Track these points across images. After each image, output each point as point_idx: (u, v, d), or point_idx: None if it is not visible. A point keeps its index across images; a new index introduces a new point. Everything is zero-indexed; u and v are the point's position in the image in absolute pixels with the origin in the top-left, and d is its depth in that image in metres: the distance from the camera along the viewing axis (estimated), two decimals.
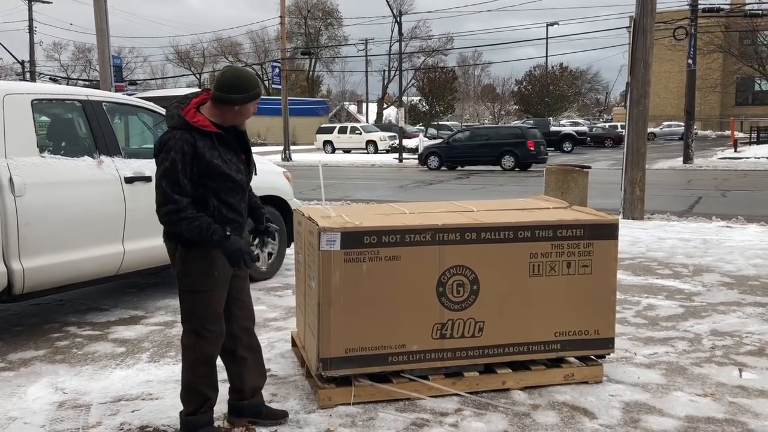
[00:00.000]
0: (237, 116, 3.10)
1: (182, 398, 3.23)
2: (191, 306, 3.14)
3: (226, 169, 3.06)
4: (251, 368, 3.37)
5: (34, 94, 4.86)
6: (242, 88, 3.02)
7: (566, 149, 36.28)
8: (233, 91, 3.01)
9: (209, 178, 3.04)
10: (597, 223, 3.89)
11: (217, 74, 3.11)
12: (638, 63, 10.81)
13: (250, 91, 3.05)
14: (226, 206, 3.11)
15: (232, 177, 3.09)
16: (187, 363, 3.18)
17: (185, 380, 3.20)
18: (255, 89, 3.06)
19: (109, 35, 14.49)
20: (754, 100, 48.06)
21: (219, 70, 3.12)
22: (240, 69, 3.15)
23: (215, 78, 3.09)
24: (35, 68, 44.01)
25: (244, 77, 3.05)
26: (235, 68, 3.15)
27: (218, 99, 3.03)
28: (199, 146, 2.99)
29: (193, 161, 2.99)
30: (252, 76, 3.13)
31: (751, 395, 3.79)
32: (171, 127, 3.05)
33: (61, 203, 4.72)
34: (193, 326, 3.15)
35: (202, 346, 3.15)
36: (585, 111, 77.13)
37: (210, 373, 3.20)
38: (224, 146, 3.09)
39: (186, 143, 2.97)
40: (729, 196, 15.13)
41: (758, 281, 6.52)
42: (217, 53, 67.33)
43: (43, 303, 5.86)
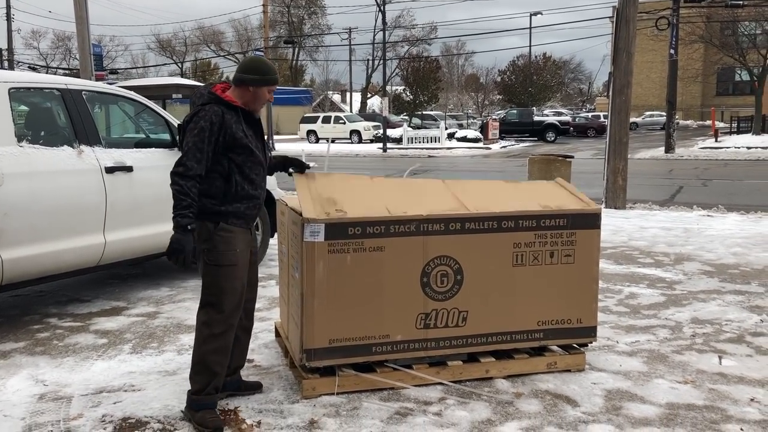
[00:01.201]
0: (253, 99, 3.32)
1: (191, 376, 3.32)
2: (213, 279, 3.25)
3: (249, 143, 3.25)
4: (242, 347, 3.59)
5: (11, 83, 4.78)
6: (258, 70, 3.27)
7: (549, 139, 36.45)
8: (250, 71, 3.27)
9: (234, 152, 3.21)
10: (580, 213, 3.90)
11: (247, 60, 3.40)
12: (621, 53, 10.86)
13: (265, 75, 3.29)
14: (248, 182, 3.28)
15: (254, 151, 3.28)
16: (201, 339, 3.28)
17: (196, 357, 3.29)
18: (270, 74, 3.31)
19: (88, 23, 14.29)
20: (735, 90, 48.49)
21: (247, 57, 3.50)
22: (260, 57, 3.43)
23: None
24: (13, 56, 43.34)
25: (263, 62, 3.33)
26: (257, 56, 3.46)
27: (237, 80, 3.28)
28: (227, 118, 3.19)
29: (219, 131, 3.17)
30: (270, 64, 3.37)
31: (731, 382, 3.84)
32: (201, 104, 3.23)
33: (40, 193, 4.65)
34: (211, 299, 3.26)
35: (218, 321, 3.25)
36: (568, 101, 77.47)
37: (221, 349, 3.28)
38: (247, 124, 3.30)
39: (215, 114, 3.17)
40: (710, 186, 15.29)
41: (738, 269, 6.60)
42: (199, 42, 66.70)
43: (23, 294, 5.79)
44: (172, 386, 3.73)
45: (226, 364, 3.35)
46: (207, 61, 67.16)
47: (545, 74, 58.53)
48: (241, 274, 3.30)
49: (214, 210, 3.22)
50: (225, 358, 3.32)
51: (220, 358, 3.28)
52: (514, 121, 39.03)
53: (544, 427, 3.27)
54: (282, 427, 3.27)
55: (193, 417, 3.26)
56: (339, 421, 3.33)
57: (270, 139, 31.97)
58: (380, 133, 33.12)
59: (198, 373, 3.28)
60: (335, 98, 63.49)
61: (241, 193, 3.25)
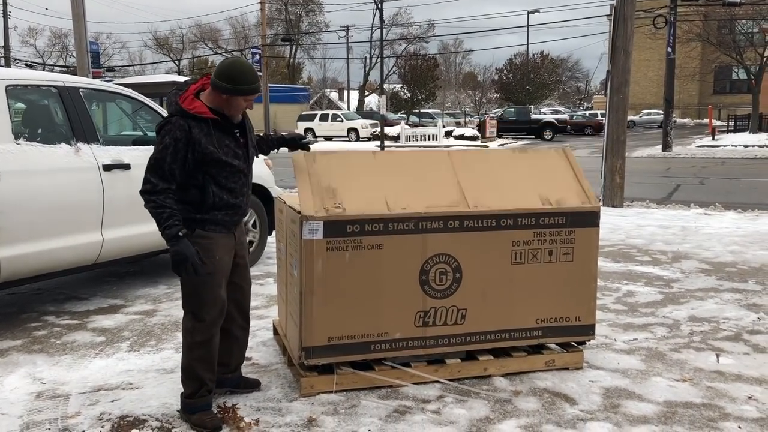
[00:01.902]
0: (227, 106, 3.13)
1: (182, 380, 3.32)
2: (193, 288, 3.18)
3: (221, 156, 3.10)
4: (241, 346, 3.60)
5: (8, 80, 4.76)
6: (232, 79, 3.04)
7: (547, 137, 36.45)
8: (223, 78, 3.05)
9: (206, 165, 3.09)
10: (579, 211, 3.90)
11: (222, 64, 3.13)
12: (618, 51, 10.86)
13: (239, 84, 3.05)
14: (227, 191, 3.17)
15: (228, 162, 3.13)
16: (186, 345, 3.27)
17: (184, 362, 3.29)
18: (245, 84, 3.05)
19: (85, 20, 14.25)
20: (732, 89, 48.55)
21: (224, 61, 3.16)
22: (240, 61, 3.11)
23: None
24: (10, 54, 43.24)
25: (239, 70, 3.04)
26: (236, 59, 3.14)
27: (212, 83, 3.09)
28: (195, 133, 3.04)
29: (187, 147, 3.03)
30: (248, 71, 3.07)
31: (728, 380, 3.84)
32: (169, 114, 3.11)
33: (37, 191, 4.64)
34: (192, 309, 3.22)
35: (200, 330, 3.22)
36: (565, 99, 77.48)
37: (206, 356, 3.26)
38: (221, 131, 3.12)
39: (180, 129, 3.02)
40: (707, 184, 15.31)
41: (735, 267, 6.61)
42: (197, 39, 66.56)
43: (20, 292, 5.78)
44: (170, 384, 3.72)
45: (214, 368, 3.31)
46: (204, 58, 67.05)
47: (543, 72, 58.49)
48: (220, 281, 3.23)
49: (191, 218, 3.13)
50: (211, 365, 3.29)
51: (205, 366, 3.26)
52: (511, 120, 39.02)
53: (543, 425, 3.28)
54: (280, 425, 3.27)
55: (189, 419, 3.25)
56: (337, 419, 3.33)
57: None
58: (378, 131, 33.10)
59: (188, 378, 3.28)
60: (333, 96, 63.37)
61: (219, 203, 3.16)
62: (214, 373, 3.32)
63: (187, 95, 3.12)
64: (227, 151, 3.13)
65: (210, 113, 3.07)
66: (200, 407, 3.25)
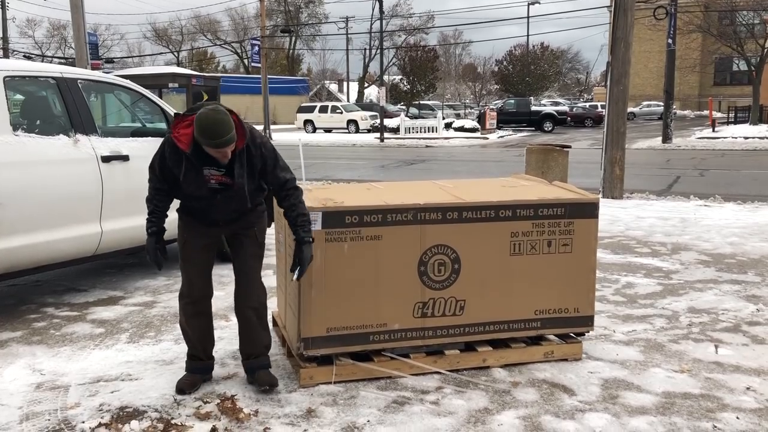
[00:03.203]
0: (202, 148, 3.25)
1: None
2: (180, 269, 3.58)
3: (182, 183, 3.31)
4: (243, 334, 3.61)
5: (6, 71, 4.74)
6: (203, 133, 3.10)
7: (547, 129, 36.40)
8: (198, 129, 3.12)
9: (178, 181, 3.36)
10: (577, 202, 3.90)
11: (205, 108, 3.14)
12: (619, 42, 10.83)
13: (208, 139, 3.11)
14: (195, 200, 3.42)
15: (185, 191, 3.36)
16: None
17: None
18: (213, 140, 3.10)
19: (84, 11, 14.17)
20: (732, 80, 48.43)
21: (209, 107, 3.14)
22: (211, 118, 3.08)
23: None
24: (8, 45, 43.12)
25: (204, 126, 3.09)
26: (210, 115, 3.09)
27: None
28: (168, 155, 3.30)
29: (162, 162, 3.35)
30: (212, 129, 3.08)
31: (727, 371, 3.85)
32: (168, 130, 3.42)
33: (35, 183, 4.63)
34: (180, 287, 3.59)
35: (182, 294, 3.58)
36: (565, 91, 77.30)
37: (184, 325, 3.59)
38: (192, 164, 3.26)
39: (166, 146, 3.33)
40: (707, 176, 15.30)
41: (735, 259, 6.61)
42: (196, 31, 66.35)
43: (19, 284, 5.78)
44: (169, 375, 3.73)
45: (194, 337, 3.58)
46: (203, 50, 66.88)
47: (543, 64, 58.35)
48: (188, 258, 3.51)
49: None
50: (188, 334, 3.59)
51: (185, 333, 3.60)
52: (511, 111, 38.96)
53: (541, 416, 3.28)
54: (279, 415, 3.27)
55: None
56: (336, 409, 3.33)
57: (267, 129, 31.90)
58: (377, 123, 33.05)
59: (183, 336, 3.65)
60: (332, 88, 63.28)
61: (187, 206, 3.49)
62: (193, 344, 3.59)
63: (185, 119, 3.26)
64: (189, 183, 3.30)
65: (185, 147, 3.22)
66: (187, 368, 3.62)
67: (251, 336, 3.58)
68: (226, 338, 4.30)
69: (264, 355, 3.61)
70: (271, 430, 3.13)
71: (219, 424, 3.18)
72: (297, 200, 3.38)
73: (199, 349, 3.61)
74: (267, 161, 3.34)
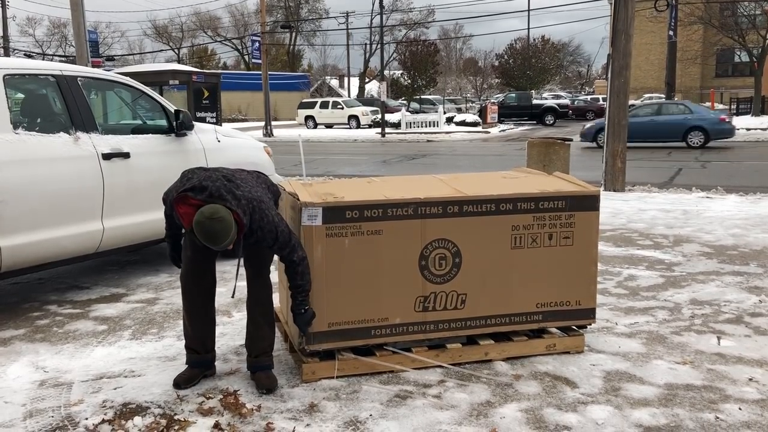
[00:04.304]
0: None
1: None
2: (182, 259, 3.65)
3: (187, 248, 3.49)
4: (252, 332, 3.59)
5: (6, 69, 4.74)
6: (199, 232, 3.06)
7: (548, 122, 36.38)
8: (194, 227, 3.07)
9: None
10: (578, 195, 3.89)
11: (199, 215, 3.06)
12: (619, 34, 10.80)
13: (211, 245, 3.10)
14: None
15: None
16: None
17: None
18: (214, 246, 3.09)
19: (84, 9, 14.17)
20: (734, 72, 48.25)
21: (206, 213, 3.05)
22: (211, 229, 3.03)
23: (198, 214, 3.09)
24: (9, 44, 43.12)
25: (209, 239, 3.05)
26: (208, 226, 3.03)
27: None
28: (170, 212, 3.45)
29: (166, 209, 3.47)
30: (215, 238, 3.05)
31: (729, 362, 3.85)
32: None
33: (37, 180, 4.64)
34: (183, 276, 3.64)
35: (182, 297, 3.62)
36: (567, 84, 77.15)
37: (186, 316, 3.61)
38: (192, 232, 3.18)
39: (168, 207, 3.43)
40: (709, 168, 15.27)
41: (737, 251, 6.60)
42: (196, 28, 66.33)
43: (22, 281, 5.79)
44: (172, 371, 3.74)
45: (192, 329, 3.59)
46: (204, 47, 66.83)
47: (544, 57, 58.24)
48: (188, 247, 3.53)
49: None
50: (188, 320, 3.58)
51: (186, 320, 3.61)
52: (512, 105, 38.91)
53: (544, 409, 3.29)
54: (282, 410, 3.28)
55: None
56: (339, 404, 3.34)
57: (268, 125, 31.89)
58: (378, 118, 33.03)
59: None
60: (333, 83, 63.21)
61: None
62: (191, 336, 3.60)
63: (190, 201, 3.16)
64: (195, 251, 3.44)
65: (188, 226, 3.18)
66: (186, 362, 3.66)
67: (253, 332, 3.59)
68: (229, 334, 4.31)
69: (266, 354, 3.59)
70: (273, 425, 3.14)
71: (222, 420, 3.19)
72: (296, 274, 3.39)
73: (197, 342, 3.61)
74: (265, 241, 3.30)
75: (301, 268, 3.37)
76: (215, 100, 21.43)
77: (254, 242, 3.31)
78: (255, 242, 3.31)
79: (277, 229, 3.29)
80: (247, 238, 3.27)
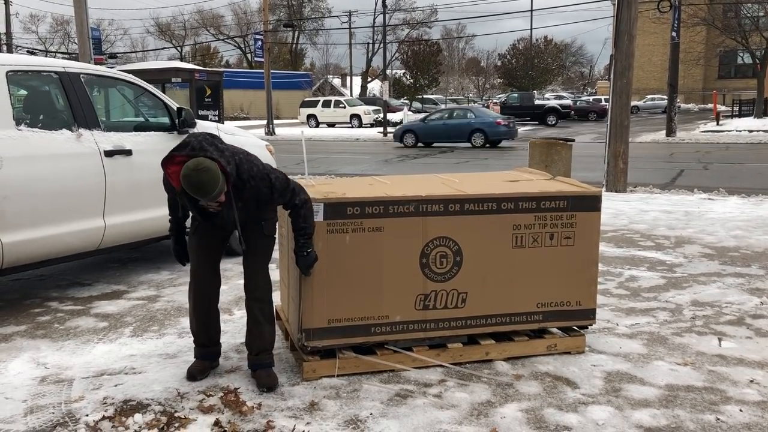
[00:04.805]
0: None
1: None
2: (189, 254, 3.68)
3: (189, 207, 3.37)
4: (251, 329, 3.60)
5: (8, 66, 4.74)
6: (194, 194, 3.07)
7: (550, 123, 36.32)
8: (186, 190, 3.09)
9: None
10: (580, 195, 3.89)
11: (185, 169, 3.05)
12: (622, 35, 10.79)
13: (200, 197, 3.10)
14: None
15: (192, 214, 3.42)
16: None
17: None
18: (203, 197, 3.08)
19: (87, 6, 14.17)
20: (737, 73, 48.20)
21: (191, 165, 3.04)
22: (197, 179, 3.03)
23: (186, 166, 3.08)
24: (11, 41, 43.14)
25: (196, 190, 3.05)
26: (194, 178, 3.02)
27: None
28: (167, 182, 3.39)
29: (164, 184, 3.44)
30: (202, 188, 3.04)
31: (730, 364, 3.84)
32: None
33: (39, 177, 4.64)
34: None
35: (189, 292, 3.66)
36: (569, 84, 77.10)
37: (192, 311, 3.65)
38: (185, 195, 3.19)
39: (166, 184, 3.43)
40: (711, 169, 15.25)
41: (738, 252, 6.60)
42: (199, 26, 66.35)
43: (23, 278, 5.80)
44: (172, 369, 3.74)
45: (197, 322, 3.64)
46: (206, 45, 66.88)
47: (546, 57, 58.22)
48: (196, 245, 3.57)
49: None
50: (194, 315, 3.63)
51: (191, 310, 3.66)
52: (515, 105, 38.85)
53: (544, 409, 3.28)
54: (282, 408, 3.28)
55: None
56: (339, 402, 3.34)
57: (270, 124, 31.88)
58: (380, 118, 33.01)
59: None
60: (335, 82, 63.16)
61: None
62: (197, 330, 3.65)
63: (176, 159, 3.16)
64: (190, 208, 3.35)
65: (179, 186, 3.15)
66: (194, 355, 3.70)
67: (252, 329, 3.59)
68: (230, 332, 4.31)
69: (266, 351, 3.59)
70: (274, 423, 3.14)
71: (222, 417, 3.19)
72: (298, 217, 3.38)
73: (202, 335, 3.65)
74: (261, 192, 3.30)
75: (303, 211, 3.38)
76: (217, 98, 21.46)
77: (253, 197, 3.30)
78: (254, 198, 3.30)
79: (270, 176, 3.32)
80: (241, 192, 3.26)
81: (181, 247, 3.67)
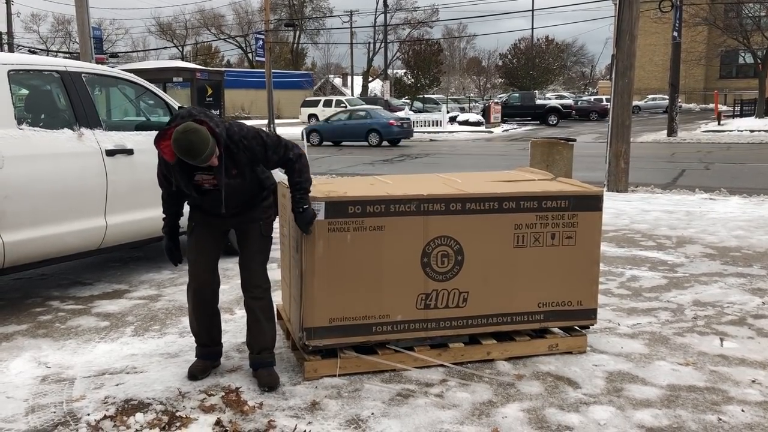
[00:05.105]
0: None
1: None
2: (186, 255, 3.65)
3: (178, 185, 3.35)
4: (251, 327, 3.60)
5: (10, 65, 4.74)
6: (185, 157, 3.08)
7: (552, 122, 36.31)
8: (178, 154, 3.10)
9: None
10: (582, 195, 3.88)
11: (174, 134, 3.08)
12: (624, 35, 10.78)
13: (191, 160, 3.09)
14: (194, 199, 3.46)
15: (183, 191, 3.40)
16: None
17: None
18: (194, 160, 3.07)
19: (88, 6, 14.18)
20: (738, 73, 48.16)
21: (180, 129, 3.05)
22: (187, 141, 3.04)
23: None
24: (13, 40, 43.16)
25: (187, 152, 3.05)
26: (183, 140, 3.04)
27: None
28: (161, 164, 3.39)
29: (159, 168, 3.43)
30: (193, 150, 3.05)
31: (732, 364, 3.84)
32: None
33: (40, 176, 4.64)
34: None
35: (188, 285, 3.62)
36: (570, 84, 77.05)
37: (191, 310, 3.65)
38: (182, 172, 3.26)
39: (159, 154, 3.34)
40: (712, 169, 15.24)
41: (740, 252, 6.59)
42: (200, 25, 66.38)
43: (25, 277, 5.80)
44: (174, 368, 3.74)
45: (195, 326, 3.65)
46: (207, 44, 66.89)
47: (547, 57, 58.20)
48: (194, 245, 3.56)
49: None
50: (194, 315, 3.63)
51: (192, 318, 3.65)
52: (516, 105, 38.87)
53: (546, 409, 3.28)
54: (284, 408, 3.28)
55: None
56: (341, 402, 3.34)
57: (271, 123, 31.87)
58: None
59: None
60: (336, 82, 63.14)
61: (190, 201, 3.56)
62: (198, 330, 3.65)
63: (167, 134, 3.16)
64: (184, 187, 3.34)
65: (171, 158, 3.18)
66: (196, 354, 3.70)
67: (252, 328, 3.59)
68: (231, 331, 4.31)
69: (267, 350, 3.59)
70: (275, 422, 3.13)
71: (223, 417, 3.19)
72: (293, 171, 3.39)
73: (204, 335, 3.65)
74: (254, 151, 3.31)
75: (298, 165, 3.38)
76: (218, 98, 21.48)
77: (247, 160, 3.30)
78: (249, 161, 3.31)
79: (261, 134, 3.34)
80: (235, 154, 3.26)
81: (174, 245, 3.61)
